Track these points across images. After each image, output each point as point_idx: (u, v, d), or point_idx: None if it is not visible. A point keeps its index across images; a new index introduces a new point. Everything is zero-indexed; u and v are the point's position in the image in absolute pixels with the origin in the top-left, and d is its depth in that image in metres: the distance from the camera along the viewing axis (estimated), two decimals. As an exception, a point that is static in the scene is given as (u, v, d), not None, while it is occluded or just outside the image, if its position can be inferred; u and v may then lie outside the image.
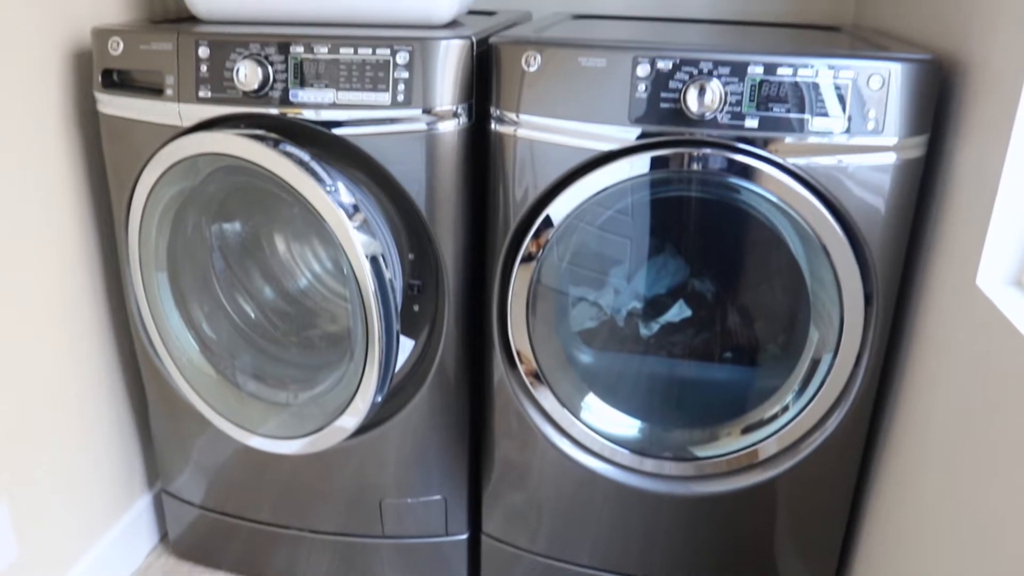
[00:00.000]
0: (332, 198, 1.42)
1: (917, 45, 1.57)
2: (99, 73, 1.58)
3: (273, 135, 1.49)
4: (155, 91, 1.54)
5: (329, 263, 1.89)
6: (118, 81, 1.59)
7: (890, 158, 1.34)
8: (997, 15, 1.23)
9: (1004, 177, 1.19)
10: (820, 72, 1.32)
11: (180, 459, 1.86)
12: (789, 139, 1.34)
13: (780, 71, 1.33)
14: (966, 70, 1.34)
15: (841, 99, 1.32)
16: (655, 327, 1.68)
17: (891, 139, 1.33)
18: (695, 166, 1.36)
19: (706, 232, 1.57)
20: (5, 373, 1.54)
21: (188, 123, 1.53)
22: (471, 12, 2.00)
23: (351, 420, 1.59)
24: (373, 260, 1.45)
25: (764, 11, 2.13)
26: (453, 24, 1.65)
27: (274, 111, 1.49)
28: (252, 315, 1.79)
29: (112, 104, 1.58)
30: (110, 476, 1.86)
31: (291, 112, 1.48)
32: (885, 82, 1.31)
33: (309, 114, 1.47)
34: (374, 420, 1.67)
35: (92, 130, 1.70)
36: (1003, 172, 1.19)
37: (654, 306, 1.67)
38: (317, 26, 1.59)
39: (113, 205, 1.66)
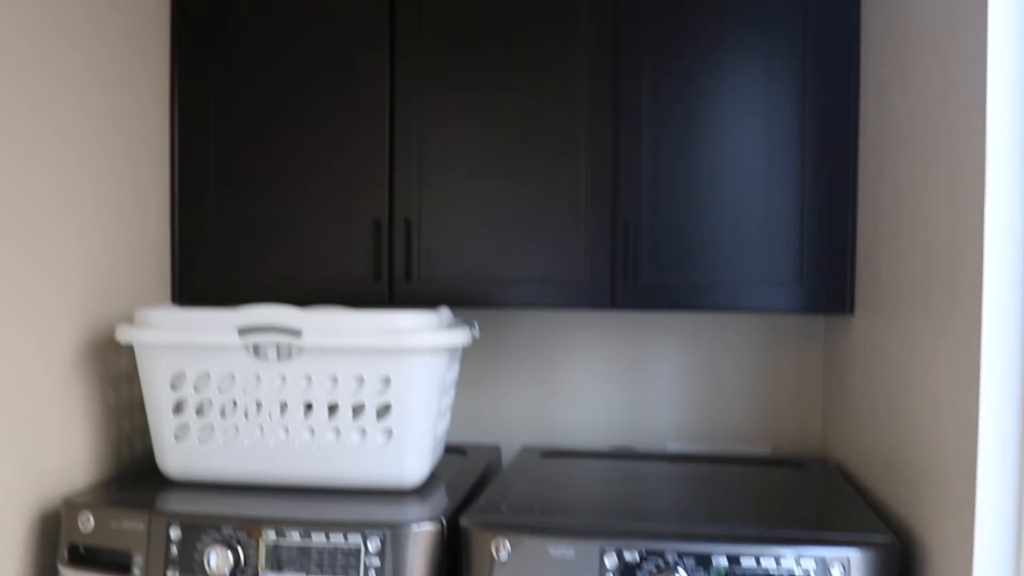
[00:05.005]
0: None
1: (879, 505, 1.74)
2: (66, 548, 1.69)
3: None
4: (122, 568, 1.65)
5: None
6: (84, 555, 1.70)
7: (862, 646, 1.45)
8: (945, 499, 1.40)
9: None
10: (782, 561, 1.46)
11: None
12: (760, 628, 1.46)
13: (744, 560, 1.47)
14: (920, 548, 1.49)
15: (806, 587, 1.46)
16: None
17: (860, 628, 1.45)
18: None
19: None
20: None
21: (154, 606, 1.63)
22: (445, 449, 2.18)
23: None
24: None
25: (735, 433, 2.34)
26: (424, 488, 1.81)
27: (242, 594, 1.60)
28: None
29: (76, 580, 1.68)
30: None
31: (260, 596, 1.59)
32: (846, 569, 1.46)
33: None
34: None
35: (50, 600, 1.79)
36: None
37: None
38: (287, 491, 1.75)
39: None
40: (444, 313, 1.85)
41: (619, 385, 2.39)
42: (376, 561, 1.56)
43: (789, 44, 1.98)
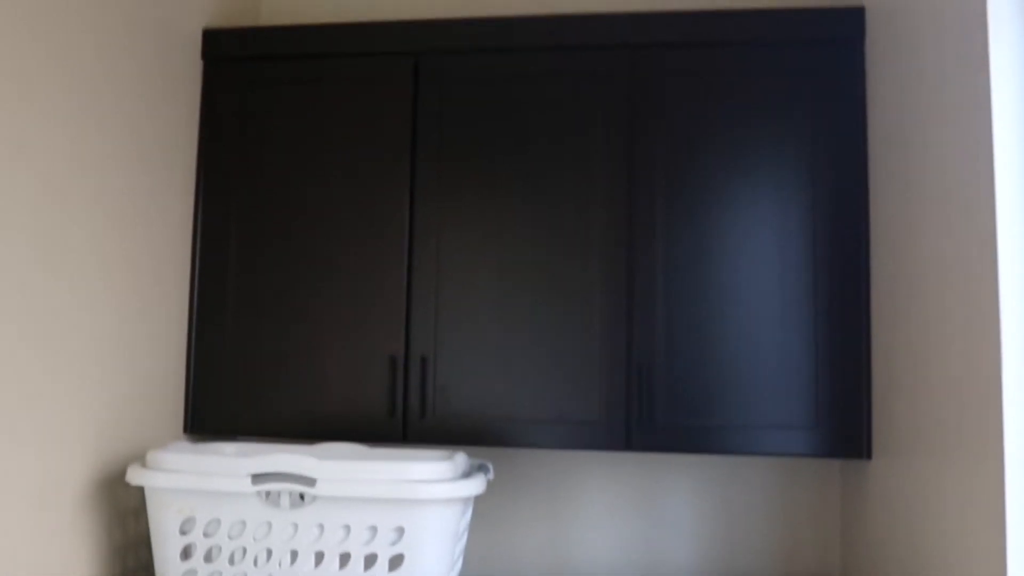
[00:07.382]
0: None
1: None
2: None
3: None
4: None
5: None
6: None
7: None
8: None
9: None
10: None
11: None
12: None
13: None
14: None
15: None
16: None
17: None
18: None
19: None
20: None
21: None
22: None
23: None
24: None
25: (752, 572, 2.32)
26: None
27: None
28: None
29: None
30: None
31: None
32: None
33: None
34: None
35: None
36: None
37: None
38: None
39: None
40: (459, 458, 1.86)
41: (634, 522, 2.38)
42: None
43: (799, 189, 2.04)
